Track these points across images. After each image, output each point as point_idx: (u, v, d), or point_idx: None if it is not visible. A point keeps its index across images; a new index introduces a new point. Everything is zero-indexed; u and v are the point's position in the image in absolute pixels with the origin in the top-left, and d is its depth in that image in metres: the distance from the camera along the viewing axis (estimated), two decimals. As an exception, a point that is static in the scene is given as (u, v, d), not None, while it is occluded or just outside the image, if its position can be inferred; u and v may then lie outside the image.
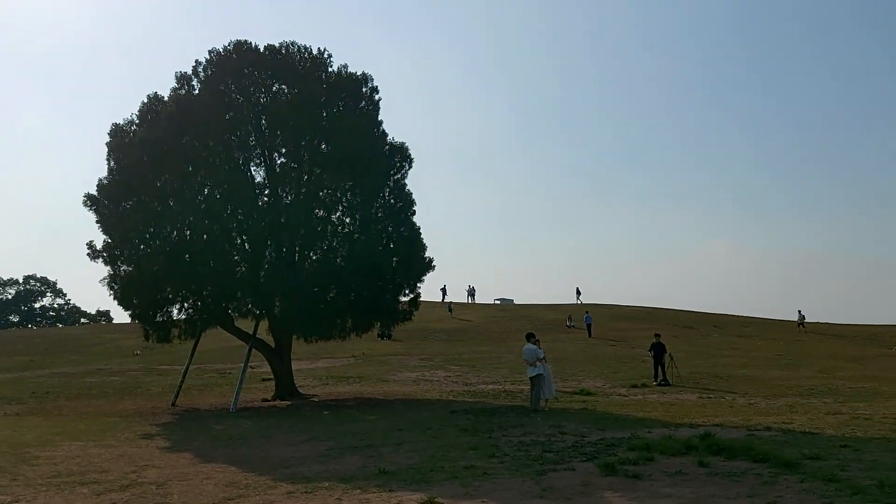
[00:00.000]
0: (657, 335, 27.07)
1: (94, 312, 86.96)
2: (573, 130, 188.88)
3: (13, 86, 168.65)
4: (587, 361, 32.04)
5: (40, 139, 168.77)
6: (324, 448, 12.76)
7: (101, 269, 21.46)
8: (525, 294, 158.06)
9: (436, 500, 8.49)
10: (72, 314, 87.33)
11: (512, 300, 66.38)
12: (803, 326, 50.33)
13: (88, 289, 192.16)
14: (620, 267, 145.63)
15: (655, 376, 25.29)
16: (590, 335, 43.47)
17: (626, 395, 22.21)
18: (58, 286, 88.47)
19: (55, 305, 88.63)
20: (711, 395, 21.98)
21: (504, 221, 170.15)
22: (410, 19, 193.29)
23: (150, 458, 12.37)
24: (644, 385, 24.41)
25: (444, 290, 59.58)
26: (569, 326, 47.31)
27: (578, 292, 60.30)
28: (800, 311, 51.66)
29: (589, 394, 22.00)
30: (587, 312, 46.26)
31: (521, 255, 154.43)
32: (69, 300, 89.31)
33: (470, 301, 61.86)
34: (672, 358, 25.95)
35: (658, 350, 25.73)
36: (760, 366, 30.90)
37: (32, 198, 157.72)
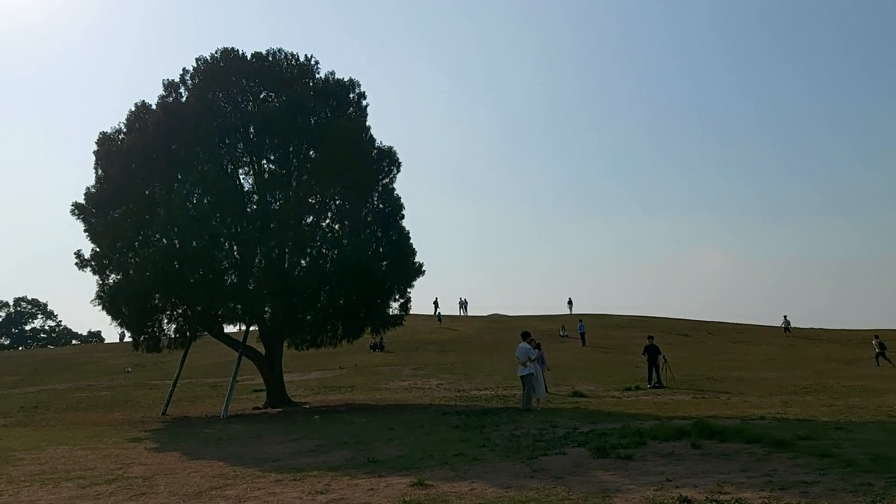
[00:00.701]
0: (650, 337, 27.01)
1: (85, 333, 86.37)
2: (560, 141, 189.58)
3: (1, 108, 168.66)
4: (581, 368, 31.90)
5: (30, 160, 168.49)
6: (313, 445, 12.59)
7: (92, 290, 21.30)
8: (517, 306, 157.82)
9: (425, 481, 8.37)
10: (63, 335, 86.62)
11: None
12: (789, 332, 50.68)
13: (80, 311, 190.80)
14: (612, 277, 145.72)
15: (649, 379, 25.17)
16: (583, 344, 43.35)
17: (619, 397, 22.07)
18: (49, 308, 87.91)
19: (46, 327, 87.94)
20: (706, 395, 21.87)
21: (494, 234, 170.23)
22: (397, 29, 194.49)
23: (136, 457, 12.17)
24: (638, 388, 24.27)
25: (436, 303, 59.52)
26: (562, 336, 47.19)
27: (570, 303, 60.50)
28: (785, 317, 52.36)
29: (582, 395, 21.88)
30: (580, 321, 46.16)
31: (511, 267, 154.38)
32: (60, 322, 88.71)
33: (462, 313, 61.69)
34: (666, 360, 25.86)
35: (652, 352, 25.64)
36: (755, 368, 30.83)
37: (23, 219, 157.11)
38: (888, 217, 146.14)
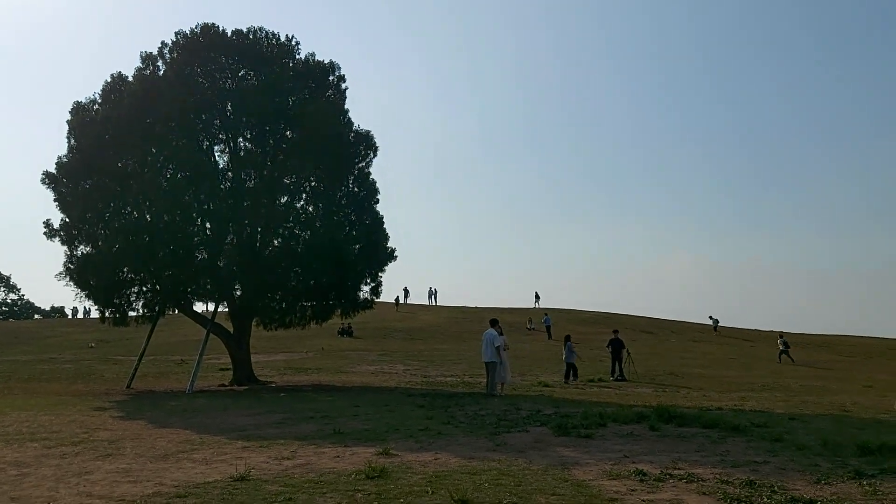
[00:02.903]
0: (615, 331, 27.43)
1: (48, 308, 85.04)
2: (539, 139, 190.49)
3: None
4: (546, 360, 32.26)
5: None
6: (279, 418, 12.71)
7: (57, 265, 21.09)
8: (486, 297, 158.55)
9: (390, 451, 8.56)
10: (25, 309, 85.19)
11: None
12: (717, 331, 53.14)
13: (43, 285, 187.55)
14: (581, 274, 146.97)
15: (612, 371, 25.58)
16: (549, 337, 43.82)
17: (582, 388, 22.43)
18: (11, 281, 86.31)
19: (8, 300, 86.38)
20: (666, 389, 22.32)
21: (466, 227, 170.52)
22: (382, 19, 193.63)
23: (101, 423, 12.19)
24: (601, 380, 24.68)
25: (406, 291, 59.86)
26: (529, 329, 47.65)
27: (537, 296, 61.13)
28: (711, 317, 54.99)
29: (547, 385, 22.19)
30: (546, 315, 46.65)
31: (482, 260, 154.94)
32: (23, 295, 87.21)
33: (431, 303, 61.99)
34: (629, 354, 26.29)
35: (616, 346, 26.05)
36: (715, 366, 31.46)
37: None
38: (859, 229, 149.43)
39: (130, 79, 21.62)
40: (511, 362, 21.55)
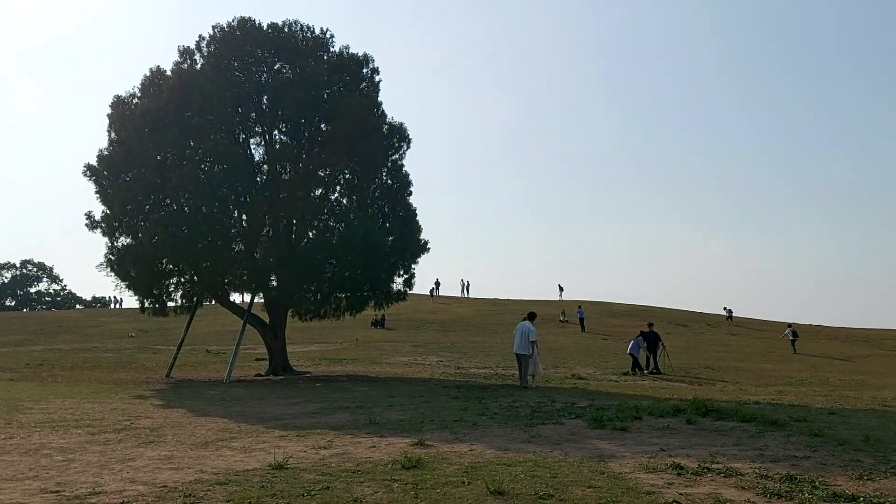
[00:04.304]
0: (650, 324, 27.18)
1: (89, 299, 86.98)
2: (576, 129, 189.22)
3: (14, 71, 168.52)
4: (579, 353, 32.13)
5: (43, 124, 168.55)
6: (315, 408, 12.86)
7: (98, 256, 21.55)
8: (517, 289, 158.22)
9: (426, 442, 8.62)
10: (67, 300, 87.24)
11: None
12: (731, 320, 53.91)
13: (85, 276, 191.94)
14: (616, 267, 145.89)
15: (647, 365, 25.38)
16: (583, 329, 43.60)
17: (616, 381, 22.30)
18: (54, 272, 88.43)
19: (51, 290, 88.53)
20: (702, 383, 22.11)
21: (498, 219, 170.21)
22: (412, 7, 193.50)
23: (143, 411, 12.46)
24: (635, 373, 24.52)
25: (437, 284, 60.10)
26: (562, 321, 47.47)
27: (561, 289, 61.06)
28: (725, 307, 56.09)
29: (581, 378, 22.10)
30: (580, 307, 46.41)
31: (515, 252, 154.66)
32: (65, 286, 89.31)
33: (464, 295, 62.09)
34: (664, 347, 26.06)
35: (651, 339, 25.82)
36: (752, 360, 31.07)
37: (33, 184, 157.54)
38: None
39: (169, 73, 21.93)
40: (544, 355, 21.54)
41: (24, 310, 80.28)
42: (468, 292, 62.62)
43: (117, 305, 66.65)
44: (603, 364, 27.68)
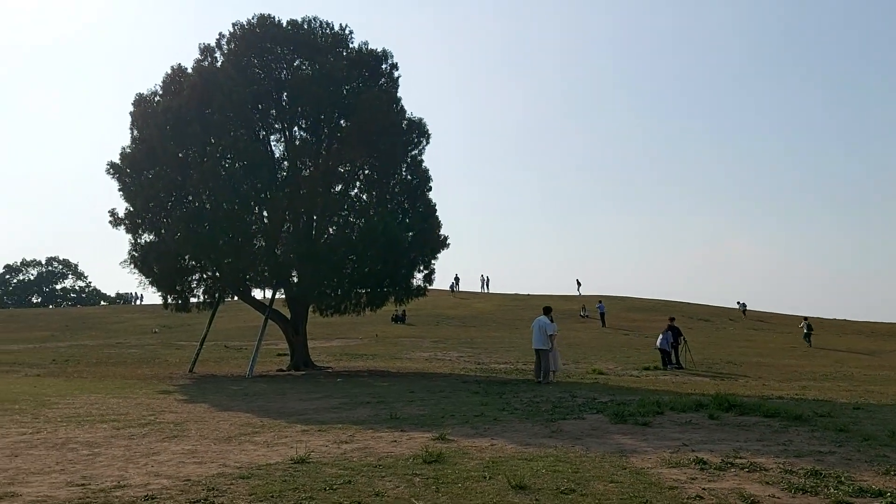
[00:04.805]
0: (671, 319, 27.00)
1: (113, 295, 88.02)
2: (592, 124, 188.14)
3: (36, 70, 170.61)
4: (600, 348, 32.01)
5: (67, 123, 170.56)
6: (337, 403, 12.92)
7: (121, 252, 21.80)
8: (537, 284, 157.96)
9: (447, 436, 8.63)
10: (92, 296, 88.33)
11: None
12: (745, 313, 53.99)
13: (109, 272, 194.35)
14: (637, 261, 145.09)
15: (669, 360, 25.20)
16: (603, 324, 43.42)
17: (637, 376, 22.19)
18: (79, 269, 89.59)
19: (76, 287, 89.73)
20: (724, 378, 21.92)
21: (517, 213, 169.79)
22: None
23: (167, 406, 12.59)
24: (656, 368, 24.35)
25: (456, 279, 60.18)
26: (582, 316, 47.29)
27: (579, 283, 60.96)
28: (739, 301, 56.27)
29: (601, 373, 22.01)
30: (600, 302, 46.21)
31: (534, 247, 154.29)
32: (90, 283, 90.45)
33: (484, 290, 62.08)
34: (686, 342, 25.87)
35: (672, 334, 25.63)
36: (775, 355, 30.75)
37: (58, 182, 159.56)
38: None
39: (190, 70, 22.10)
40: (564, 350, 21.46)
41: (50, 306, 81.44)
42: (488, 287, 62.65)
43: (138, 302, 67.45)
44: (624, 359, 27.55)
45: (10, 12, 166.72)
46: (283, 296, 23.37)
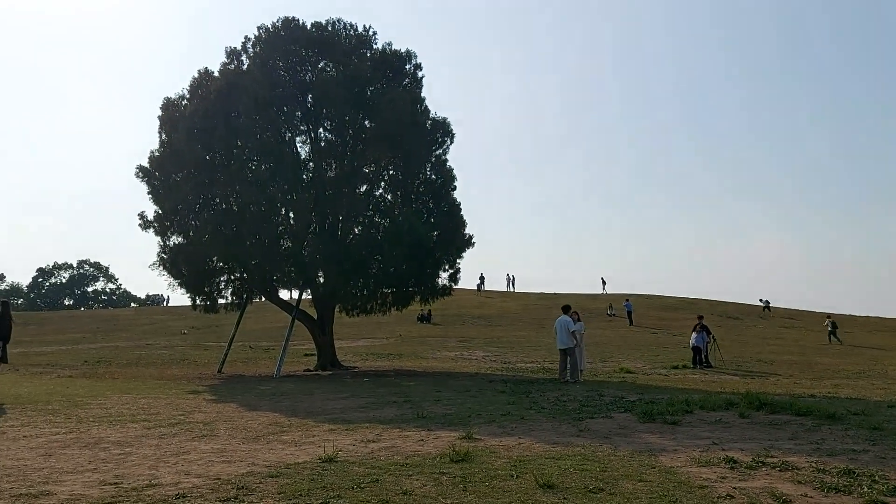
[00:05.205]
0: (700, 317, 26.72)
1: (143, 297, 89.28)
2: (618, 122, 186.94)
3: (74, 76, 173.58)
4: (628, 347, 31.78)
5: (98, 128, 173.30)
6: (363, 402, 12.97)
7: (152, 254, 22.10)
8: (563, 282, 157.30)
9: (474, 435, 8.62)
10: (123, 298, 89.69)
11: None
12: (769, 310, 52.99)
13: (139, 275, 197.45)
14: (665, 259, 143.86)
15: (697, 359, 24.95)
16: (631, 323, 43.11)
17: (666, 375, 22.00)
18: (110, 271, 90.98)
19: (107, 289, 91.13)
20: (755, 377, 21.65)
21: (544, 211, 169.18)
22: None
23: (196, 406, 12.72)
24: (685, 367, 24.12)
25: (482, 278, 60.10)
26: (609, 315, 47.00)
27: (604, 282, 60.69)
28: (762, 299, 54.97)
29: (629, 372, 21.86)
30: (627, 300, 45.89)
31: (560, 245, 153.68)
32: (120, 285, 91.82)
33: (509, 289, 61.96)
34: (715, 340, 25.61)
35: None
36: (807, 353, 30.31)
37: (88, 185, 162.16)
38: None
39: (216, 74, 22.31)
40: (591, 349, 21.33)
41: (82, 308, 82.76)
42: (514, 286, 62.52)
43: (165, 304, 68.33)
44: (652, 358, 27.33)
45: (48, 28, 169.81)
46: (310, 296, 23.52)
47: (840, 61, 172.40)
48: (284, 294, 24.27)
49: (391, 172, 22.96)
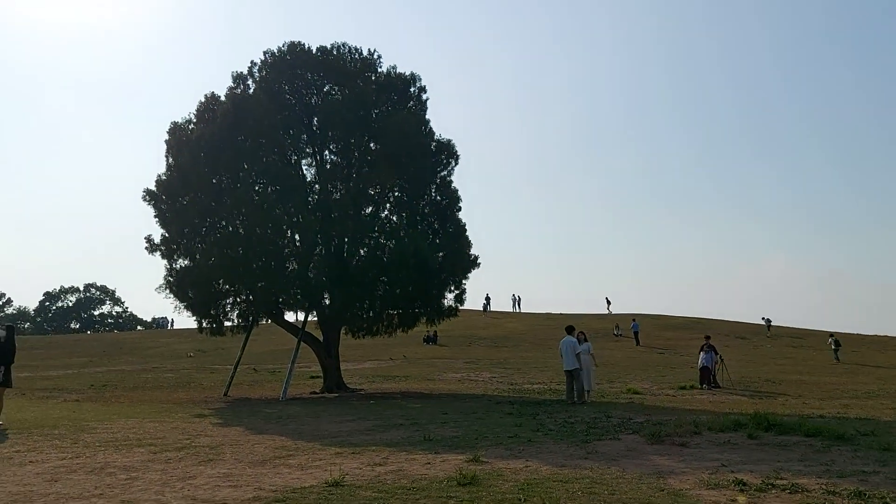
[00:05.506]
0: (707, 337, 26.62)
1: (149, 320, 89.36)
2: (628, 141, 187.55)
3: (80, 100, 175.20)
4: (635, 367, 31.63)
5: (103, 151, 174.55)
6: (370, 425, 12.92)
7: (157, 278, 22.16)
8: (569, 303, 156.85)
9: (480, 458, 8.58)
10: (129, 321, 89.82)
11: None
12: (770, 328, 52.20)
13: (145, 298, 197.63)
14: (670, 279, 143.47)
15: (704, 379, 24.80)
16: (637, 343, 42.94)
17: (673, 395, 21.87)
18: (116, 294, 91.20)
19: (113, 313, 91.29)
20: (763, 397, 21.50)
21: (549, 232, 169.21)
22: (467, 14, 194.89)
23: (202, 430, 12.69)
24: (693, 387, 23.98)
25: (488, 299, 60.05)
26: (616, 335, 46.82)
27: (608, 302, 60.56)
28: (764, 317, 53.71)
29: (636, 392, 21.74)
30: (634, 321, 45.74)
31: (565, 265, 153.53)
32: (126, 308, 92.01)
33: (515, 310, 61.82)
34: (722, 360, 25.47)
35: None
36: (815, 372, 30.12)
37: (94, 209, 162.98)
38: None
39: (223, 98, 22.51)
40: (598, 370, 21.22)
41: (88, 332, 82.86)
42: (520, 307, 62.36)
43: (170, 326, 68.44)
44: (659, 378, 27.18)
45: (51, 49, 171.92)
46: (316, 318, 23.52)
47: (853, 85, 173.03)
48: (290, 316, 24.30)
49: (396, 194, 23.06)
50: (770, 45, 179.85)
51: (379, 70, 23.41)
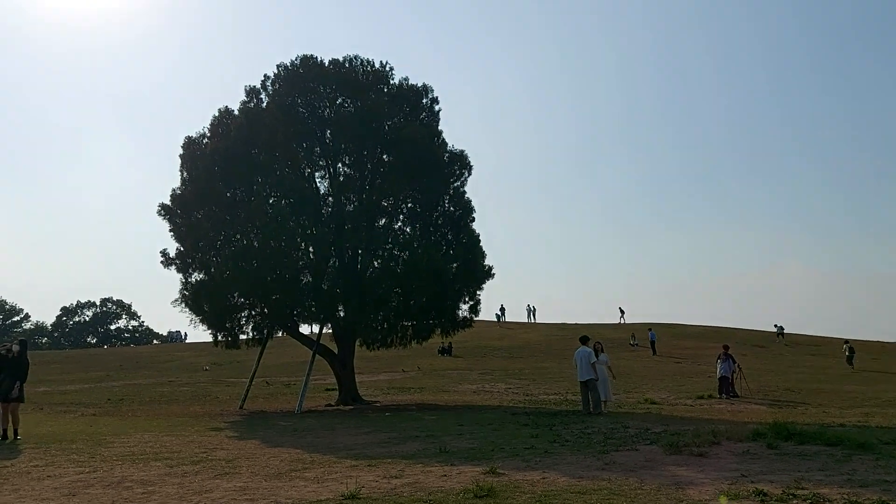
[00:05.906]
0: (725, 346, 26.39)
1: (165, 333, 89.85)
2: (638, 150, 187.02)
3: (101, 120, 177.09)
4: (652, 377, 31.43)
5: (121, 167, 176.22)
6: (385, 437, 12.88)
7: (172, 292, 22.29)
8: (586, 314, 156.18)
9: (497, 470, 8.52)
10: (145, 335, 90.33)
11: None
12: (782, 336, 52.09)
13: (160, 312, 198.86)
14: (687, 287, 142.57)
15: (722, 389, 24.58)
16: (654, 353, 42.65)
17: (691, 405, 21.68)
18: (132, 308, 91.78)
19: (130, 327, 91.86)
20: (782, 406, 21.28)
21: (564, 242, 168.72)
22: (476, 27, 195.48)
23: (218, 443, 12.69)
24: (711, 396, 23.77)
25: (502, 310, 59.92)
26: (632, 345, 46.55)
27: (622, 312, 60.28)
28: (776, 325, 53.97)
29: (654, 402, 21.58)
30: (650, 330, 45.46)
31: (580, 275, 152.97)
32: (143, 322, 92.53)
33: (530, 320, 61.61)
34: (741, 369, 25.24)
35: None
36: (835, 381, 29.77)
37: (110, 224, 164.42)
38: None
39: (236, 112, 22.68)
40: (615, 380, 21.07)
41: (105, 346, 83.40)
42: (534, 317, 62.17)
43: (184, 339, 68.77)
44: (676, 388, 26.99)
45: (70, 66, 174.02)
46: (331, 330, 23.54)
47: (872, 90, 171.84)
48: (305, 329, 24.36)
49: (410, 205, 23.08)
50: (767, 44, 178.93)
51: (391, 82, 23.50)
